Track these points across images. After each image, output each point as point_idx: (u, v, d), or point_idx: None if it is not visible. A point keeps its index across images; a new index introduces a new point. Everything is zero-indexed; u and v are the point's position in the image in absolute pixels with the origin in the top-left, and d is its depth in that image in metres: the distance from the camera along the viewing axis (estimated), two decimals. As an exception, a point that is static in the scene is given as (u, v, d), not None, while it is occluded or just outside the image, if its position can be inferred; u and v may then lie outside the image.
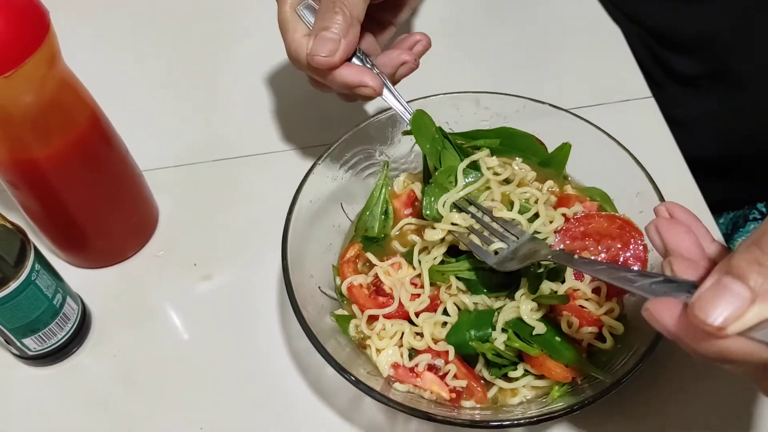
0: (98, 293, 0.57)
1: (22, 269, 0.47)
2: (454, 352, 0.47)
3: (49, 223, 0.55)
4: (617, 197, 0.53)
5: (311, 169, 0.52)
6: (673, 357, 0.50)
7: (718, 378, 0.50)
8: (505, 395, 0.47)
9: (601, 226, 0.50)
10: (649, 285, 0.34)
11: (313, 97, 0.65)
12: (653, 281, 0.34)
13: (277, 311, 0.54)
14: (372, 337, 0.49)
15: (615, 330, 0.48)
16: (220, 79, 0.71)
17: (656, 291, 0.34)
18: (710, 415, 0.49)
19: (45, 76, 0.46)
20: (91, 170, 0.52)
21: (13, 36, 0.43)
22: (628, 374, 0.42)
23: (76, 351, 0.54)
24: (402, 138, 0.56)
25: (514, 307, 0.47)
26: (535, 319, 0.46)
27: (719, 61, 0.67)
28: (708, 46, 0.66)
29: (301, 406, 0.51)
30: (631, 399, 0.49)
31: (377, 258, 0.52)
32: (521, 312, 0.46)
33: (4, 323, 0.48)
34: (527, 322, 0.46)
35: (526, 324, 0.46)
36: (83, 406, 0.53)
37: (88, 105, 0.51)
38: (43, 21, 0.45)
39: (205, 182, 0.63)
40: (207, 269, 0.58)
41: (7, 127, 0.47)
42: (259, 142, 0.65)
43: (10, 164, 0.49)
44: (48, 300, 0.50)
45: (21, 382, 0.53)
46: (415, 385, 0.47)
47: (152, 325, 0.56)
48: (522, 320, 0.46)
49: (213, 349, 0.54)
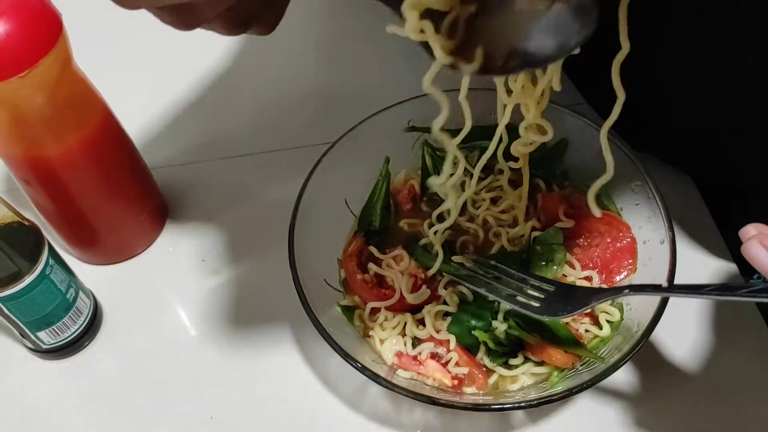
0: (109, 289, 0.58)
1: (37, 264, 0.48)
2: (456, 341, 0.49)
3: (60, 219, 0.56)
4: (616, 191, 0.54)
5: (315, 167, 0.53)
6: (671, 342, 0.52)
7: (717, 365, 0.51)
8: (505, 382, 0.48)
9: (589, 223, 0.52)
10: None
11: (316, 95, 0.66)
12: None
13: (284, 303, 0.55)
14: (375, 328, 0.51)
15: (611, 316, 0.49)
16: (224, 78, 0.72)
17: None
18: (709, 399, 0.50)
19: (58, 76, 0.47)
20: (102, 168, 0.53)
21: (28, 38, 0.44)
22: (624, 358, 0.43)
23: (88, 345, 0.56)
24: (403, 134, 0.58)
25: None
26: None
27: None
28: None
29: (308, 394, 0.52)
30: (631, 384, 0.50)
31: (379, 251, 0.54)
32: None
33: (20, 317, 0.50)
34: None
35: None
36: (95, 398, 0.54)
37: (99, 104, 0.52)
38: (56, 23, 0.46)
39: (211, 180, 0.65)
40: (215, 264, 0.59)
41: (21, 125, 0.48)
42: (264, 140, 0.66)
43: (24, 162, 0.51)
44: (62, 294, 0.51)
45: (35, 375, 0.55)
46: (418, 372, 0.49)
47: (162, 319, 0.57)
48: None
49: (221, 341, 0.55)
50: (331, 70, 0.69)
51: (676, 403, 0.50)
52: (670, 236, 0.48)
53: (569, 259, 0.52)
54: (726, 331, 0.52)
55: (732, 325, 0.53)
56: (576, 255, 0.52)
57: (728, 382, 0.50)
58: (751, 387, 0.50)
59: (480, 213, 0.56)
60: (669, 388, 0.50)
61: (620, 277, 0.51)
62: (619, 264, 0.52)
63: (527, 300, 0.46)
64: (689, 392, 0.50)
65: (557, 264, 0.51)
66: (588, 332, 0.49)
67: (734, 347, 0.52)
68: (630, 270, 0.51)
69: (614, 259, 0.52)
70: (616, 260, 0.52)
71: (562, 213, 0.54)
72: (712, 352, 0.52)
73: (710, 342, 0.52)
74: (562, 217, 0.53)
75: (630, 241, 0.52)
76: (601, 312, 0.50)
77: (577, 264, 0.52)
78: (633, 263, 0.51)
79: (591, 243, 0.53)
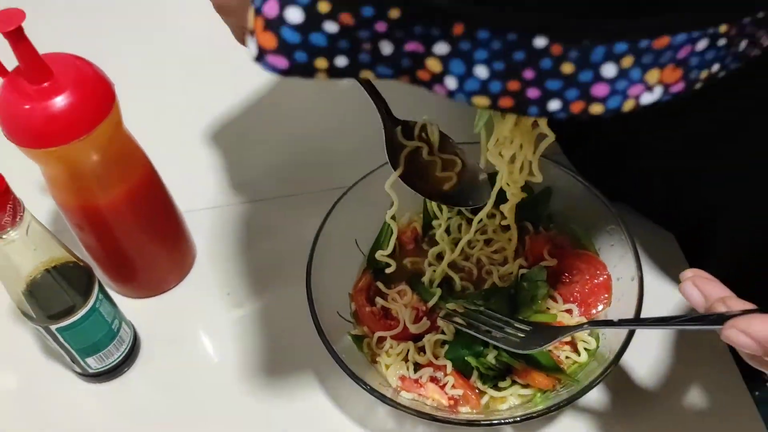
0: (145, 320, 0.65)
1: (89, 299, 0.55)
2: (452, 366, 0.56)
3: (106, 259, 0.63)
4: (594, 234, 0.61)
5: (330, 211, 0.60)
6: (642, 368, 0.58)
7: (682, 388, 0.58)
8: (495, 402, 0.55)
9: (571, 261, 0.59)
10: (707, 320, 0.41)
11: (332, 146, 0.74)
12: (704, 318, 0.41)
13: (301, 333, 0.60)
14: (381, 355, 0.58)
15: (588, 345, 0.56)
16: (248, 132, 0.79)
17: (716, 321, 0.40)
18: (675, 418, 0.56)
19: (110, 138, 0.53)
20: (143, 215, 0.60)
21: (87, 108, 0.51)
22: (596, 380, 0.50)
23: (127, 371, 0.62)
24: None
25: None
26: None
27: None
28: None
29: (321, 414, 0.59)
30: (606, 405, 0.57)
31: (385, 286, 0.61)
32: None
33: (73, 345, 0.57)
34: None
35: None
36: (132, 417, 0.61)
37: (142, 160, 0.59)
38: (110, 93, 0.53)
39: (235, 222, 0.71)
40: (239, 298, 0.66)
41: (77, 179, 0.55)
42: (282, 185, 0.73)
43: (77, 209, 0.58)
44: (108, 325, 0.58)
45: (81, 396, 0.62)
46: (419, 393, 0.55)
47: (191, 347, 0.64)
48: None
49: (244, 367, 0.62)
50: (346, 125, 0.76)
51: (644, 422, 0.56)
52: (639, 274, 0.55)
53: (552, 294, 0.59)
54: (690, 360, 0.59)
55: (698, 354, 0.59)
56: (559, 290, 0.59)
57: (692, 403, 0.57)
58: (712, 407, 0.57)
59: (474, 253, 0.62)
60: (640, 408, 0.57)
61: (597, 309, 0.58)
62: (596, 298, 0.59)
63: (508, 337, 0.53)
64: (658, 412, 0.57)
65: (541, 298, 0.58)
66: (568, 358, 0.56)
67: (698, 372, 0.58)
68: (606, 303, 0.58)
69: (592, 294, 0.59)
70: (593, 295, 0.59)
71: (547, 252, 0.61)
72: (680, 376, 0.58)
73: (677, 367, 0.59)
74: (547, 257, 0.61)
75: (606, 278, 0.59)
76: (579, 341, 0.56)
77: (559, 298, 0.59)
78: (608, 297, 0.58)
79: (572, 279, 0.60)
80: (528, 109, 0.29)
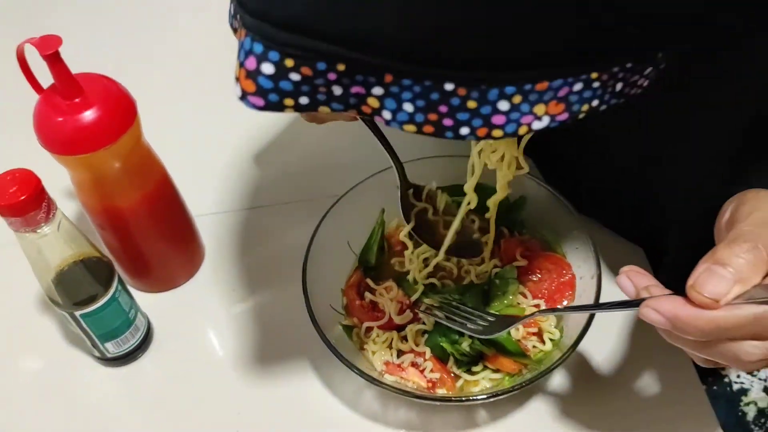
0: (157, 312, 0.71)
1: (109, 289, 0.62)
2: (431, 353, 0.63)
3: (124, 255, 0.69)
4: (563, 239, 0.68)
5: (324, 216, 0.66)
6: (600, 356, 0.65)
7: (637, 374, 0.64)
8: (469, 385, 0.61)
9: (540, 262, 0.66)
10: (631, 303, 0.46)
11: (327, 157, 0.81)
12: (629, 302, 0.46)
13: (297, 324, 0.65)
14: (368, 343, 0.64)
15: (552, 335, 0.63)
16: (253, 148, 0.86)
17: (637, 304, 0.44)
18: (629, 401, 0.63)
19: (131, 149, 0.60)
20: (158, 217, 0.67)
21: (112, 122, 0.57)
22: (554, 364, 0.57)
23: (141, 356, 0.69)
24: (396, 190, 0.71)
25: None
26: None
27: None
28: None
29: (314, 397, 0.65)
30: (569, 389, 0.64)
31: (374, 283, 0.68)
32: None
33: (94, 330, 0.63)
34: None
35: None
36: (144, 397, 0.67)
37: (159, 169, 0.66)
38: (132, 108, 0.60)
39: (240, 225, 0.78)
40: (242, 294, 0.72)
41: (100, 184, 0.62)
42: (281, 193, 0.80)
43: (100, 211, 0.64)
44: (125, 313, 0.65)
45: (99, 378, 0.68)
46: (401, 377, 0.62)
47: (199, 337, 0.71)
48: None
49: (246, 355, 0.68)
50: (340, 141, 0.82)
51: (603, 405, 0.62)
52: (598, 272, 0.61)
53: (522, 290, 0.66)
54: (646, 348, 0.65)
55: (653, 342, 0.65)
56: (528, 287, 0.66)
57: (645, 387, 0.63)
58: (664, 392, 0.63)
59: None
60: (599, 393, 0.63)
61: (562, 304, 0.65)
62: (562, 295, 0.65)
63: (477, 326, 0.60)
64: (616, 397, 0.63)
65: (512, 294, 0.65)
66: (535, 347, 0.63)
67: (653, 361, 0.65)
68: (570, 299, 0.65)
69: (558, 291, 0.65)
70: (559, 292, 0.65)
71: (519, 254, 0.68)
72: (636, 363, 0.65)
73: (635, 355, 0.65)
74: (519, 258, 0.67)
75: (571, 277, 0.66)
76: (545, 332, 0.63)
77: (528, 294, 0.65)
78: (572, 294, 0.65)
79: (541, 278, 0.67)
80: (445, 134, 0.38)
